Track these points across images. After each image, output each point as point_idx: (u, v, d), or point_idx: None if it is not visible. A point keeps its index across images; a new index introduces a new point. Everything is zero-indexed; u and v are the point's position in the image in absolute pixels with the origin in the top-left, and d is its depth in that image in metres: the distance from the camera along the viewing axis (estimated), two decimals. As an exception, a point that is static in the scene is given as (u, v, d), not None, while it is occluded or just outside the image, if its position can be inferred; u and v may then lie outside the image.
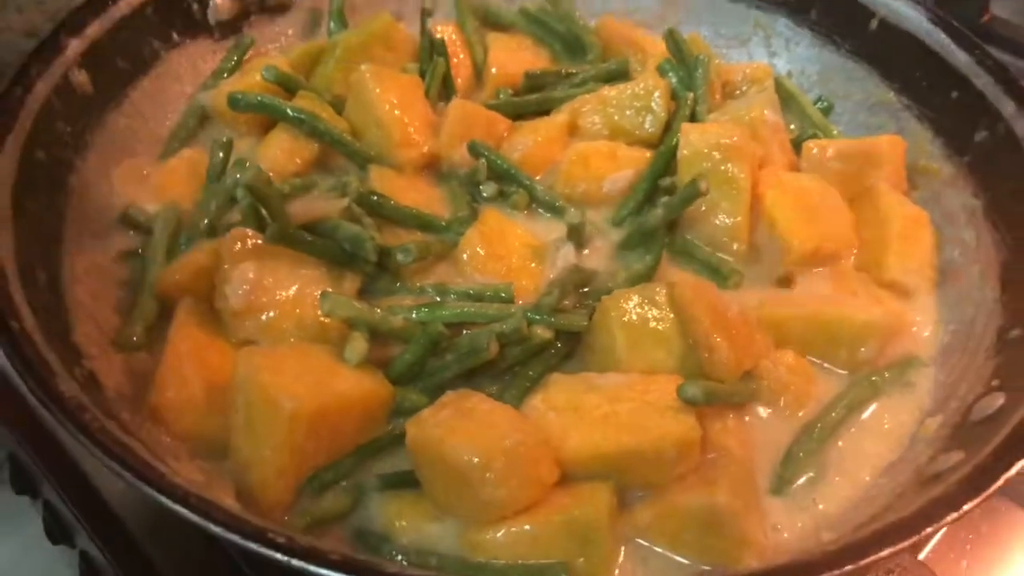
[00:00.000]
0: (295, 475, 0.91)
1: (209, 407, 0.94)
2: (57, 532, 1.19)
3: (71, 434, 0.78)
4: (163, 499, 0.74)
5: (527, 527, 0.87)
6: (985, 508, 1.08)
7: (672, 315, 1.01)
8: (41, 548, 1.24)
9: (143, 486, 0.74)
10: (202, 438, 0.94)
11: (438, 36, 1.37)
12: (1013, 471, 0.80)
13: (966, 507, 0.77)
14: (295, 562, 0.70)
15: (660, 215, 1.13)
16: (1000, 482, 0.79)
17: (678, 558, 0.89)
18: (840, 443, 1.01)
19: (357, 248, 1.05)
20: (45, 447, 1.13)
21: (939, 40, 1.25)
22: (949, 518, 0.76)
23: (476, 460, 0.85)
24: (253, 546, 0.71)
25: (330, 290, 1.01)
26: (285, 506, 0.91)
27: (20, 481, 1.26)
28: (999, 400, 0.92)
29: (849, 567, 0.72)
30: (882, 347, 1.07)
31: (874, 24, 1.32)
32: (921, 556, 1.03)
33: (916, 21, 1.28)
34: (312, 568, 0.70)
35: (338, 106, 1.27)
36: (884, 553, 0.73)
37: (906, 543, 0.74)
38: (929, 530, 0.75)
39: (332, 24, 1.39)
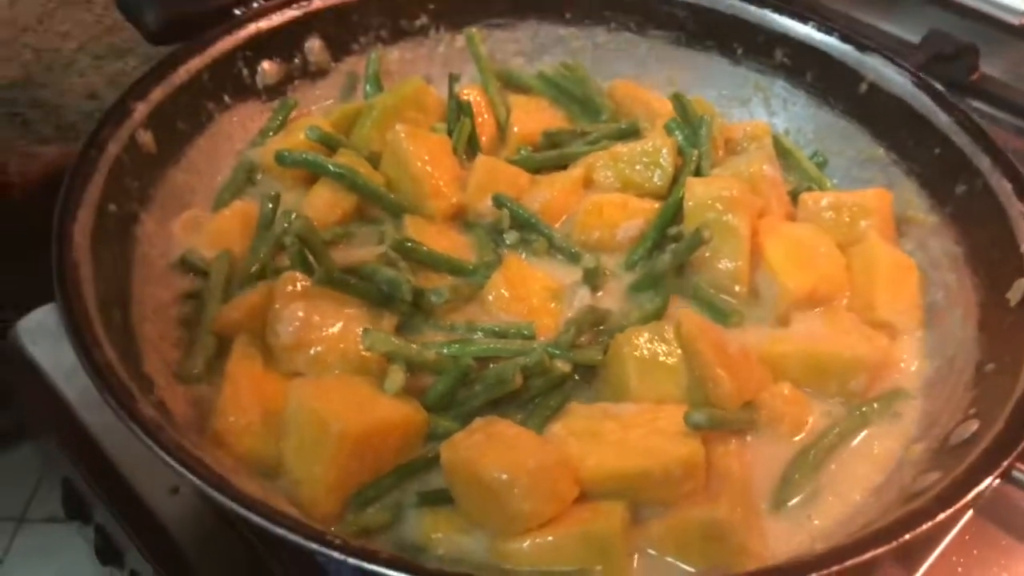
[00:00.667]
0: (342, 491, 1.01)
1: (265, 431, 1.05)
2: (108, 553, 1.29)
3: (152, 451, 0.89)
4: (236, 506, 0.84)
5: (550, 538, 0.97)
6: (977, 533, 1.19)
7: (679, 350, 1.12)
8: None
9: (216, 494, 0.85)
10: (259, 460, 1.05)
11: (464, 98, 1.49)
12: (983, 486, 0.89)
13: (940, 517, 0.87)
14: (351, 560, 0.81)
15: (668, 260, 1.25)
16: (971, 496, 0.88)
17: (685, 566, 0.99)
18: (833, 466, 1.10)
19: (394, 290, 1.17)
20: (100, 471, 1.24)
21: (923, 102, 1.37)
22: (924, 527, 0.86)
23: (504, 477, 0.95)
24: (314, 546, 0.82)
25: (370, 327, 1.13)
26: (333, 519, 1.01)
27: (72, 506, 1.37)
28: (974, 426, 1.02)
29: (834, 567, 0.82)
30: (871, 380, 1.17)
31: (864, 87, 1.44)
32: (916, 576, 1.13)
33: (902, 85, 1.40)
34: (366, 566, 0.80)
35: (375, 162, 1.40)
36: (865, 556, 0.83)
37: (884, 548, 0.84)
38: (906, 537, 0.85)
39: (368, 87, 1.52)
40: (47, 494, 2.18)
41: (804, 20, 1.50)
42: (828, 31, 1.47)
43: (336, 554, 0.81)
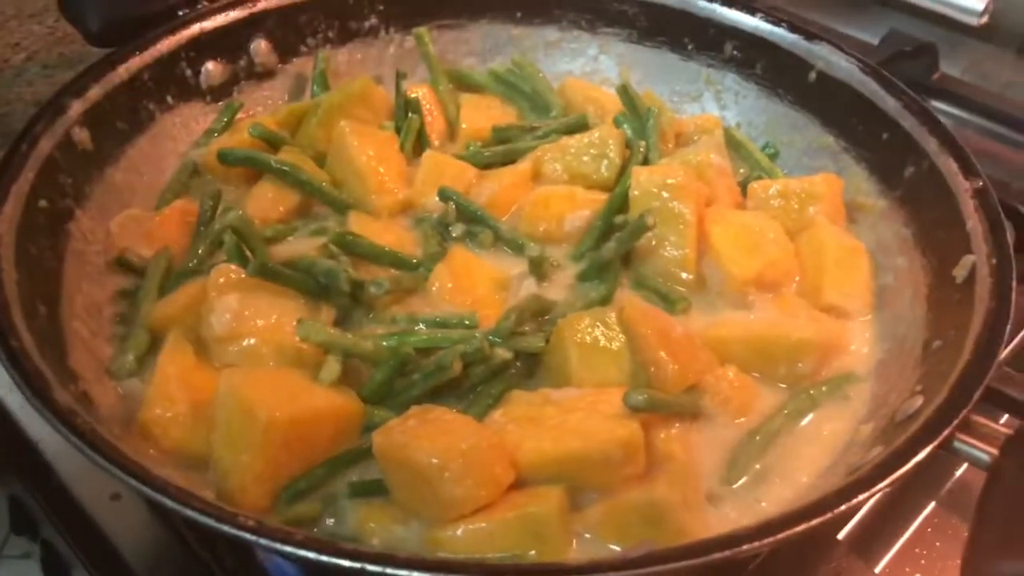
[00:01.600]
0: (271, 482, 0.98)
1: (194, 423, 1.02)
2: (55, 568, 1.26)
3: (64, 436, 0.86)
4: (146, 489, 0.81)
5: (484, 524, 0.94)
6: (939, 525, 1.16)
7: (622, 335, 1.10)
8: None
9: (129, 478, 0.82)
10: (187, 452, 1.02)
11: (412, 95, 1.48)
12: (922, 455, 0.87)
13: (878, 486, 0.84)
14: (263, 541, 0.78)
15: (613, 248, 1.23)
16: (910, 465, 0.86)
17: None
18: (780, 449, 1.08)
19: (332, 280, 1.14)
20: (42, 481, 1.21)
21: (870, 88, 1.36)
22: (861, 496, 0.83)
23: (435, 461, 0.92)
24: (227, 529, 0.79)
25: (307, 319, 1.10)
26: (261, 511, 0.98)
27: (19, 523, 1.34)
28: (918, 402, 0.99)
29: (767, 540, 0.79)
30: (819, 363, 1.15)
31: (813, 76, 1.43)
32: (877, 569, 1.10)
33: (849, 71, 1.39)
34: (280, 547, 0.77)
35: (320, 161, 1.38)
36: (800, 527, 0.80)
37: (821, 519, 0.81)
38: (842, 508, 0.82)
39: (315, 88, 1.51)
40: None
41: (752, 12, 1.49)
42: (776, 22, 1.47)
43: (249, 536, 0.78)
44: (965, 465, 1.21)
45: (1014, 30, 2.12)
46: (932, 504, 1.18)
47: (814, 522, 0.81)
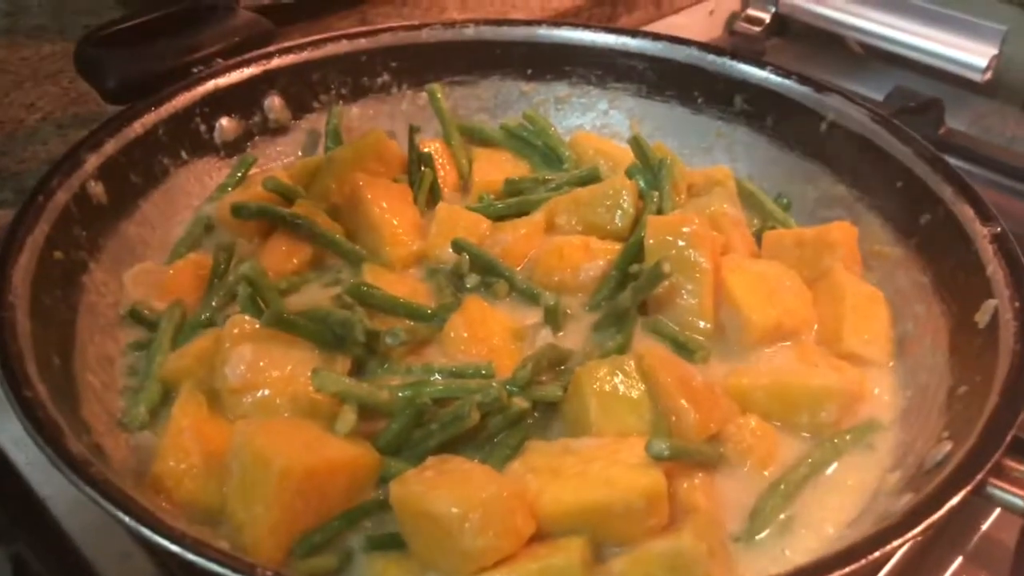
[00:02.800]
0: (285, 534, 0.96)
1: (207, 475, 1.00)
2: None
3: (78, 487, 0.84)
4: (163, 541, 0.79)
5: (506, 577, 0.91)
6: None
7: (641, 384, 1.08)
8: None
9: (144, 530, 0.80)
10: (200, 505, 1.00)
11: (425, 149, 1.49)
12: (956, 499, 0.85)
13: (912, 532, 0.82)
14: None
15: (629, 297, 1.22)
16: (944, 510, 0.84)
17: (650, 604, 0.93)
18: (805, 499, 1.05)
19: (347, 331, 1.13)
20: (49, 540, 1.18)
21: (883, 137, 1.37)
22: (895, 542, 0.81)
23: (455, 511, 0.90)
24: (242, 579, 0.77)
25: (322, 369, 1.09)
26: (277, 565, 0.95)
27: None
28: (947, 447, 0.97)
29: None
30: (841, 411, 1.13)
31: (824, 127, 1.44)
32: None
33: (861, 122, 1.40)
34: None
35: (334, 214, 1.38)
36: (835, 574, 0.78)
37: (855, 564, 0.79)
38: (876, 554, 0.80)
39: (328, 143, 1.52)
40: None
41: (762, 66, 1.51)
42: (786, 75, 1.48)
43: (267, 585, 0.76)
44: (991, 519, 1.19)
45: (1017, 86, 2.15)
46: (959, 559, 1.16)
47: (848, 568, 0.79)
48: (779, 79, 1.49)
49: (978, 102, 2.16)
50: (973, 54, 2.09)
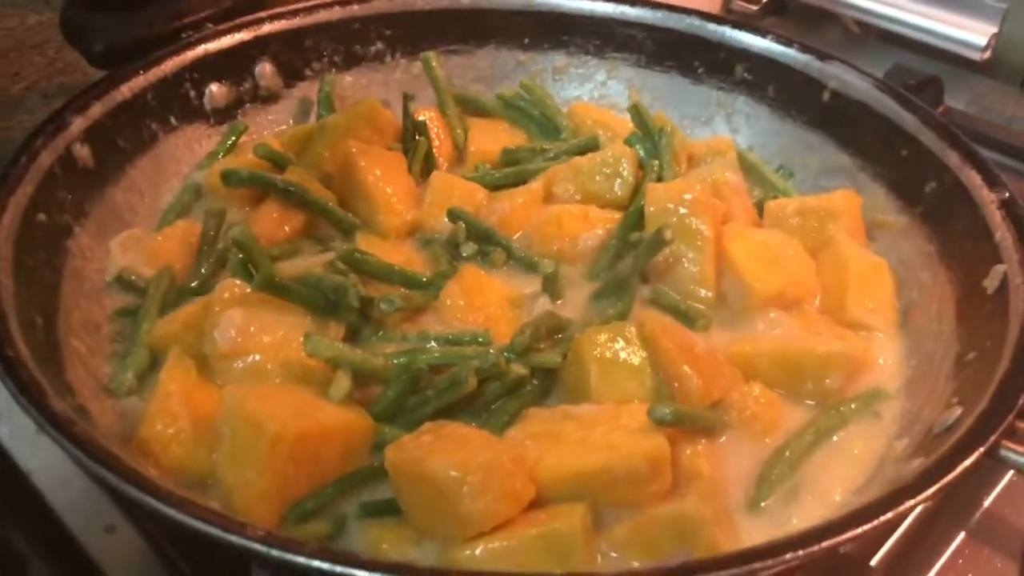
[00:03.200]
0: (278, 500, 0.93)
1: (196, 440, 0.98)
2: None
3: (62, 446, 0.81)
4: (151, 500, 0.76)
5: (504, 543, 0.88)
6: (970, 556, 1.11)
7: (642, 350, 1.06)
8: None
9: (130, 488, 0.77)
10: (188, 470, 0.97)
11: (420, 118, 1.45)
12: (969, 461, 0.82)
13: (925, 493, 0.79)
14: (274, 552, 0.72)
15: (630, 265, 1.19)
16: (957, 472, 0.81)
17: (652, 569, 0.90)
18: (811, 466, 1.03)
19: (341, 296, 1.10)
20: (32, 513, 1.15)
21: (887, 105, 1.34)
22: (909, 503, 0.79)
23: (453, 474, 0.87)
24: (235, 539, 0.74)
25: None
26: (268, 531, 0.92)
27: (3, 559, 1.27)
28: (956, 412, 0.95)
29: (813, 548, 0.74)
30: (846, 379, 1.10)
31: (826, 96, 1.41)
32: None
33: (865, 90, 1.37)
34: (290, 557, 0.72)
35: (326, 182, 1.35)
36: (848, 534, 0.75)
37: (869, 524, 0.76)
38: (889, 515, 0.77)
39: (321, 111, 1.48)
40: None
41: (763, 35, 1.48)
42: (787, 43, 1.46)
43: (258, 546, 0.73)
44: (994, 495, 1.17)
45: (1017, 64, 2.12)
46: (962, 534, 1.13)
47: (860, 529, 0.76)
48: (781, 48, 1.46)
49: (977, 81, 2.14)
50: (972, 32, 2.06)
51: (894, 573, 1.07)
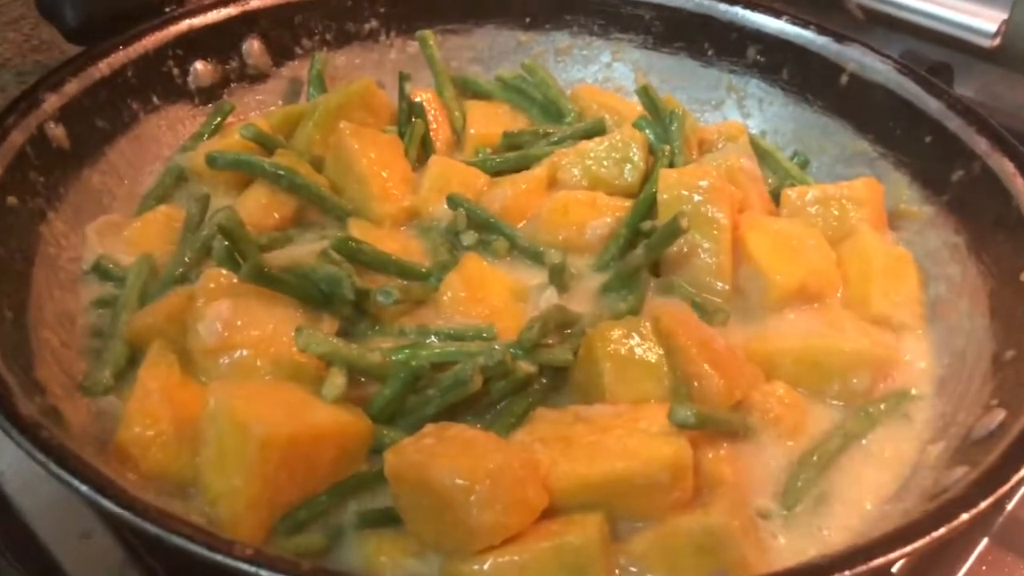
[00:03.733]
0: (267, 509, 0.85)
1: (178, 443, 0.90)
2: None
3: (28, 453, 0.73)
4: (123, 512, 0.69)
5: (515, 557, 0.81)
6: (994, 562, 1.06)
7: (659, 346, 0.99)
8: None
9: (103, 500, 0.69)
10: (170, 476, 0.89)
11: (416, 99, 1.38)
12: (1022, 473, 0.76)
13: (980, 506, 0.73)
14: (264, 573, 0.65)
15: (642, 255, 1.12)
16: (1012, 482, 0.75)
17: (675, 585, 0.83)
18: (839, 472, 0.97)
19: (334, 288, 1.03)
20: (8, 526, 1.07)
21: (909, 89, 1.28)
22: (961, 518, 0.72)
23: (460, 482, 0.80)
24: (221, 559, 0.66)
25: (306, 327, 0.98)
26: (257, 543, 0.85)
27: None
28: (1000, 416, 0.89)
29: (860, 568, 0.68)
30: (874, 378, 1.04)
31: (844, 79, 1.35)
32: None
33: (885, 73, 1.30)
34: None
35: (317, 166, 1.27)
36: (896, 553, 0.69)
37: (913, 545, 0.70)
38: (941, 531, 0.71)
39: (311, 91, 1.40)
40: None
41: (778, 15, 1.41)
42: (804, 24, 1.39)
43: (246, 566, 0.65)
44: (1016, 500, 1.11)
45: (1026, 53, 2.07)
46: (985, 541, 1.07)
47: (910, 547, 0.70)
48: (796, 29, 1.39)
49: (986, 69, 2.08)
50: (981, 19, 2.00)
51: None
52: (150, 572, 0.98)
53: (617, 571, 0.85)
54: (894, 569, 1.01)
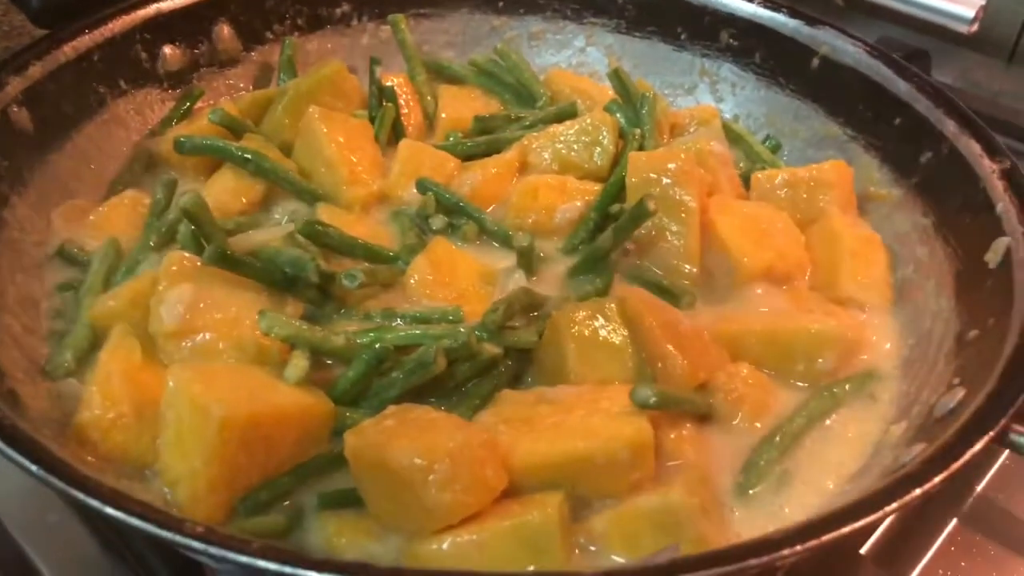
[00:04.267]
0: (227, 491, 0.85)
1: (138, 426, 0.90)
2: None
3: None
4: (73, 491, 0.68)
5: (473, 536, 0.81)
6: (963, 543, 1.06)
7: (624, 328, 0.99)
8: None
9: (52, 479, 0.69)
10: (129, 458, 0.89)
11: (387, 84, 1.37)
12: (978, 446, 0.76)
13: (932, 481, 0.73)
14: (213, 550, 0.65)
15: (610, 238, 1.12)
16: (965, 458, 0.75)
17: (634, 564, 0.83)
18: (802, 452, 0.97)
19: (299, 271, 1.02)
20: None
21: (879, 71, 1.27)
22: (917, 492, 0.72)
23: (418, 461, 0.80)
24: (171, 535, 0.66)
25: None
26: (216, 524, 0.84)
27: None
28: (959, 394, 0.89)
29: (811, 543, 0.68)
30: (840, 359, 1.04)
31: (816, 62, 1.35)
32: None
33: (856, 55, 1.30)
34: (231, 556, 0.64)
35: (287, 151, 1.27)
36: (845, 529, 0.69)
37: (872, 517, 0.70)
38: (893, 505, 0.71)
39: (282, 75, 1.40)
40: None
41: (750, -1, 1.41)
42: (776, 8, 1.39)
43: (196, 543, 0.65)
44: (986, 479, 1.12)
45: (1004, 39, 2.07)
46: (954, 521, 1.08)
47: (864, 521, 0.70)
48: (768, 13, 1.39)
49: (964, 56, 2.08)
50: (960, 5, 2.00)
51: (885, 562, 1.02)
52: (120, 558, 0.97)
53: (577, 550, 0.85)
54: (863, 551, 1.01)
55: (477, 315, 1.05)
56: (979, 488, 1.10)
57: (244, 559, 0.64)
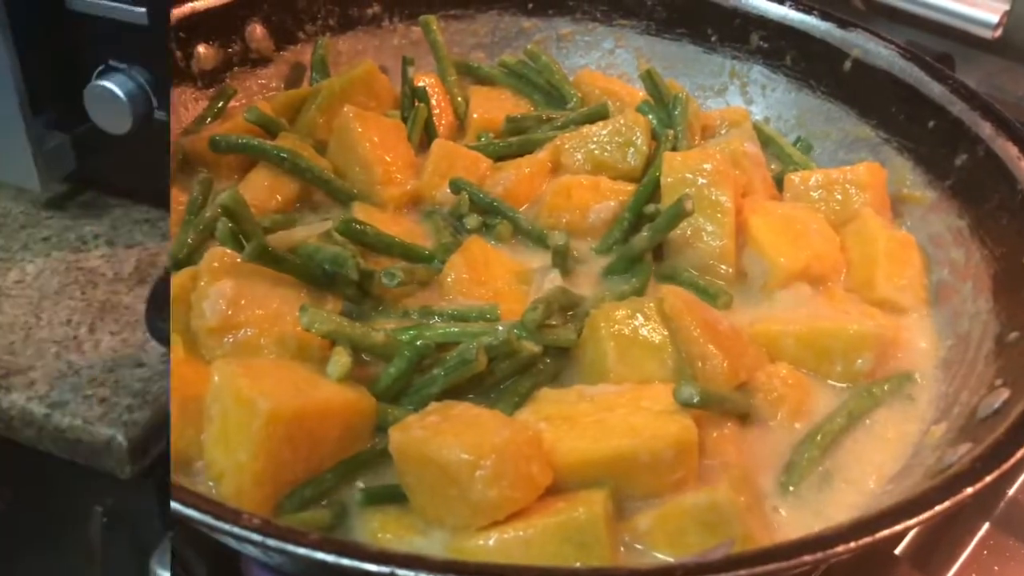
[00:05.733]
0: (272, 485, 0.85)
1: (183, 421, 0.89)
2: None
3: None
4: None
5: (520, 532, 0.81)
6: (996, 547, 1.06)
7: (663, 327, 0.99)
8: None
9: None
10: (175, 454, 0.89)
11: (419, 84, 1.38)
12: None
13: (985, 480, 0.73)
14: (271, 542, 0.65)
15: (646, 238, 1.12)
16: (1016, 457, 0.75)
17: (679, 562, 0.83)
18: (842, 452, 0.97)
19: (339, 268, 1.03)
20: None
21: (913, 74, 1.28)
22: (969, 491, 0.72)
23: (465, 457, 0.80)
24: (228, 527, 0.66)
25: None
26: (263, 519, 0.85)
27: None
28: (1004, 395, 0.89)
29: (864, 540, 0.68)
30: (878, 359, 1.04)
31: (848, 64, 1.35)
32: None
33: (889, 58, 1.30)
34: (289, 548, 0.65)
35: (320, 150, 1.27)
36: (894, 528, 0.69)
37: (915, 520, 0.70)
38: (946, 504, 0.71)
39: (314, 75, 1.40)
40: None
41: (781, 1, 1.41)
42: (807, 10, 1.39)
43: (255, 535, 0.65)
44: (1017, 484, 1.11)
45: (1027, 44, 2.07)
46: (986, 525, 1.08)
47: (915, 520, 0.70)
48: (799, 15, 1.39)
49: (987, 60, 2.08)
50: (983, 9, 2.00)
51: (919, 563, 1.02)
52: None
53: (622, 548, 0.85)
54: (897, 552, 1.01)
55: (513, 314, 1.05)
56: (1010, 492, 1.10)
57: (303, 551, 0.65)
